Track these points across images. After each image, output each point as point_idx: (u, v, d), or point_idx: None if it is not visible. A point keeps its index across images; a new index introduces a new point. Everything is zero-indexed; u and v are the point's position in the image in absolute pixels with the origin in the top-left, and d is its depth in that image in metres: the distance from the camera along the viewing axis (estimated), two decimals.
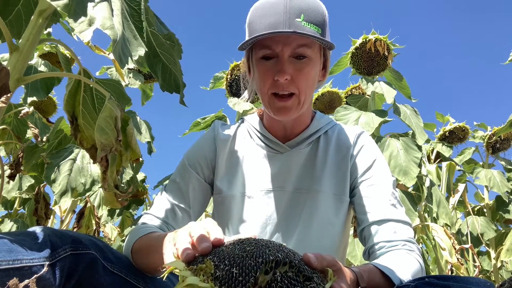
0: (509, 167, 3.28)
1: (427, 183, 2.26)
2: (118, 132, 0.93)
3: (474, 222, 3.01)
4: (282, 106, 0.84)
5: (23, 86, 1.55)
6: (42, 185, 1.78)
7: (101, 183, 0.93)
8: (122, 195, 1.02)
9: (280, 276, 0.45)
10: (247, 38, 0.84)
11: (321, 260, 0.52)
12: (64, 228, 2.03)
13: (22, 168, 1.66)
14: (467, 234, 2.94)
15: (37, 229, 0.67)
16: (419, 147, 1.97)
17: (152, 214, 0.90)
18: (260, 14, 0.81)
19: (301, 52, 0.81)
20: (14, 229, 2.30)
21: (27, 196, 2.53)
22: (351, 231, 1.86)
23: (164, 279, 0.49)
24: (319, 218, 0.88)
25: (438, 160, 3.14)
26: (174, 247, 0.55)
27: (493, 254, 3.00)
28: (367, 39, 2.07)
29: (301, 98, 0.85)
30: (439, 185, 2.81)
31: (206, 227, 0.55)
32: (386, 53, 2.05)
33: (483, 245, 3.06)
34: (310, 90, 0.86)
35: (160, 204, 0.92)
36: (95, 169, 1.61)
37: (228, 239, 0.53)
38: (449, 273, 1.89)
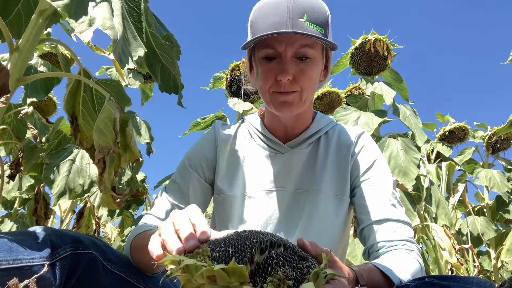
0: (509, 167, 3.28)
1: (426, 183, 2.26)
2: (117, 134, 0.93)
3: (474, 222, 3.01)
4: (284, 101, 0.84)
5: (22, 86, 1.55)
6: (41, 185, 1.78)
7: (98, 184, 0.93)
8: (119, 197, 1.02)
9: (275, 254, 0.46)
10: (249, 37, 0.84)
11: (315, 246, 0.53)
12: (64, 228, 2.02)
13: (22, 168, 1.66)
14: (467, 234, 2.95)
15: (38, 229, 0.67)
16: (419, 148, 1.97)
17: (153, 214, 0.90)
18: (263, 14, 0.81)
19: (304, 52, 0.81)
20: (14, 229, 2.30)
21: (27, 196, 2.53)
22: (351, 231, 1.86)
23: (161, 283, 0.49)
24: (319, 218, 0.88)
25: (438, 160, 3.14)
26: (160, 237, 0.54)
27: (493, 254, 3.00)
28: (367, 39, 2.07)
29: (303, 96, 0.85)
30: (439, 185, 2.81)
31: (191, 218, 0.54)
32: (386, 53, 2.05)
33: (483, 245, 3.06)
34: (312, 90, 0.86)
35: (160, 204, 0.92)
36: (94, 170, 1.60)
37: (218, 233, 0.53)
38: (449, 273, 1.89)
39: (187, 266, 0.44)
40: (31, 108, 1.46)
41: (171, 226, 0.54)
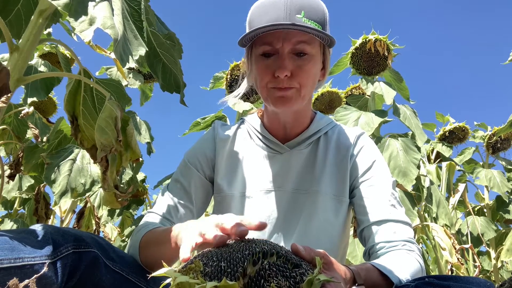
0: (509, 167, 3.28)
1: (426, 183, 2.26)
2: (118, 132, 0.93)
3: (474, 222, 3.01)
4: (281, 95, 0.83)
5: (23, 86, 1.55)
6: (42, 185, 1.78)
7: (101, 183, 0.93)
8: (122, 195, 1.02)
9: (268, 264, 0.46)
10: None
11: (309, 250, 0.53)
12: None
13: (22, 168, 1.66)
14: (467, 234, 2.95)
15: (39, 227, 0.67)
16: (419, 148, 1.97)
17: (155, 212, 0.90)
18: (260, 12, 0.81)
19: (301, 48, 0.81)
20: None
21: (27, 196, 2.53)
22: (351, 231, 1.86)
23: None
24: (318, 218, 0.88)
25: (438, 160, 3.14)
26: (198, 235, 0.55)
27: (493, 254, 3.00)
28: (367, 39, 2.07)
29: (301, 92, 0.84)
30: (439, 185, 2.81)
31: (219, 221, 0.55)
32: (386, 53, 2.06)
33: (483, 245, 3.06)
34: (310, 86, 0.86)
35: (162, 202, 0.92)
36: (95, 169, 1.61)
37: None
38: (449, 273, 1.89)
39: (181, 283, 0.44)
40: (32, 108, 1.46)
41: (211, 225, 0.55)
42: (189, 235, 0.56)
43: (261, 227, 0.53)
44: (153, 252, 0.77)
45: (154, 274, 0.47)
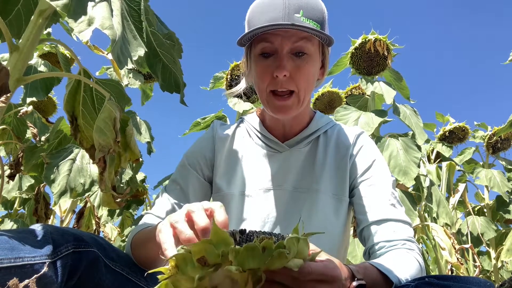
0: (509, 167, 3.28)
1: (427, 183, 2.26)
2: (117, 133, 0.93)
3: (474, 222, 3.01)
4: (281, 105, 0.84)
5: (22, 86, 1.55)
6: (42, 185, 1.78)
7: (99, 184, 0.93)
8: (120, 196, 1.02)
9: (255, 232, 0.50)
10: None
11: None
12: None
13: (22, 168, 1.65)
14: (467, 234, 2.94)
15: (39, 227, 0.67)
16: (419, 147, 1.97)
17: (153, 213, 0.90)
18: (259, 11, 0.81)
19: (300, 47, 0.81)
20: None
21: (27, 196, 2.53)
22: (351, 231, 1.86)
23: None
24: (318, 217, 0.88)
25: (438, 160, 3.14)
26: (171, 228, 0.55)
27: (493, 254, 3.00)
28: (367, 39, 2.07)
29: (300, 96, 0.84)
30: (439, 185, 2.81)
31: (209, 206, 0.55)
32: (386, 53, 2.06)
33: (483, 245, 3.06)
34: (309, 88, 0.86)
35: (161, 203, 0.92)
36: (95, 170, 1.61)
37: None
38: (449, 273, 1.89)
39: (177, 265, 0.44)
40: (30, 107, 1.46)
41: (183, 215, 0.55)
42: (162, 227, 0.56)
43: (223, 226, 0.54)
44: (142, 251, 0.77)
45: (151, 271, 0.48)
